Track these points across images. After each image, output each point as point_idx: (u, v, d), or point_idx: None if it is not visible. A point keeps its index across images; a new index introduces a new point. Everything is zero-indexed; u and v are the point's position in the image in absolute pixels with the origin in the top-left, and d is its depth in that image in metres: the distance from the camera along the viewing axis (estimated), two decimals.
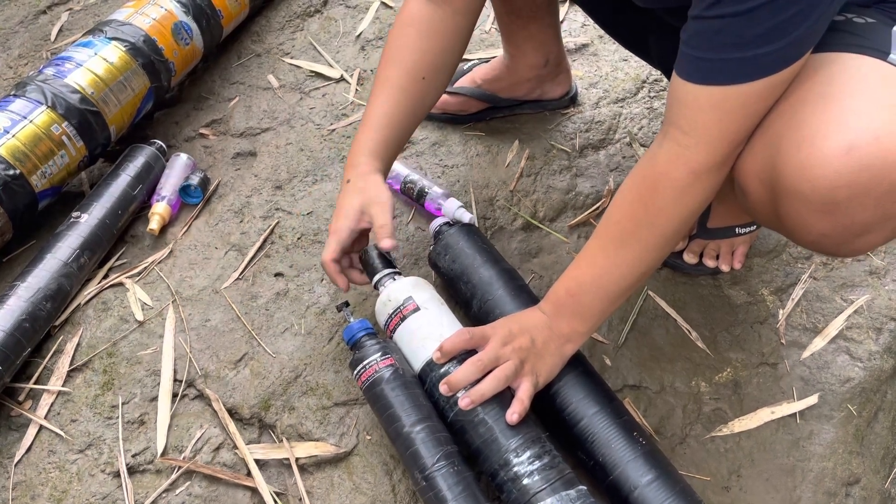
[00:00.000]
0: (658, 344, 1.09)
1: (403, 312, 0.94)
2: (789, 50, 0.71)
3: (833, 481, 0.98)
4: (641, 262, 0.87)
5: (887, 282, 1.17)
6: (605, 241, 0.89)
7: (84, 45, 1.27)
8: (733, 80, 0.73)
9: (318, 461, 0.95)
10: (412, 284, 0.97)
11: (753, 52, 0.70)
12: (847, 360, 1.08)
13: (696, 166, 0.79)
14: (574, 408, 0.90)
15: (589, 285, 0.89)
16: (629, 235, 0.86)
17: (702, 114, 0.77)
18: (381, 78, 1.03)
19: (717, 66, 0.73)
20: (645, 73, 1.46)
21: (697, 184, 0.81)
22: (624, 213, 0.87)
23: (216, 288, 1.13)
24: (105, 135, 1.24)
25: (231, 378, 1.03)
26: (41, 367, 1.04)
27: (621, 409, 0.91)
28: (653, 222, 0.84)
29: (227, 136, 1.40)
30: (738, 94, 0.74)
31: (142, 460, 0.95)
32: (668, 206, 0.83)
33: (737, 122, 0.77)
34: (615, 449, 0.86)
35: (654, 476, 0.84)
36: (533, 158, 1.31)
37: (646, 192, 0.84)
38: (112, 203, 1.18)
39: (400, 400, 0.87)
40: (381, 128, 1.01)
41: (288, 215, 1.23)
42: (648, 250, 0.86)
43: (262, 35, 1.59)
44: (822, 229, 0.76)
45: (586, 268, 0.90)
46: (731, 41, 0.71)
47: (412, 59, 1.02)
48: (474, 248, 1.04)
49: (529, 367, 0.88)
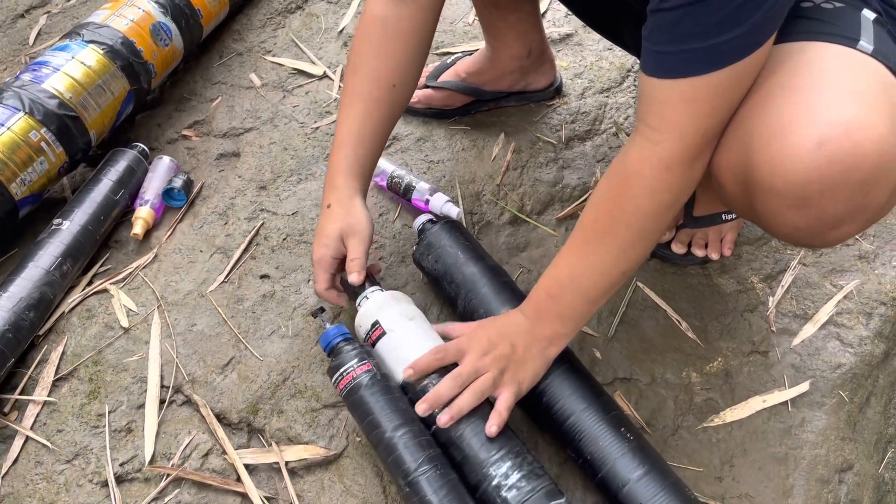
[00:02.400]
0: (648, 336, 1.08)
1: (373, 338, 0.94)
2: (750, 36, 0.70)
3: (826, 468, 0.98)
4: (619, 261, 0.86)
5: (877, 266, 1.17)
6: (581, 241, 0.88)
7: (61, 48, 1.25)
8: (696, 71, 0.72)
9: (307, 464, 0.94)
10: (379, 306, 0.96)
11: (714, 41, 0.69)
12: (838, 345, 1.08)
13: (667, 161, 0.78)
14: (562, 405, 0.89)
15: (568, 286, 0.88)
16: (605, 234, 0.86)
17: (668, 108, 0.76)
18: (350, 90, 1.02)
19: (680, 59, 0.72)
20: (630, 61, 1.45)
21: (669, 178, 0.80)
22: (599, 212, 0.86)
23: (202, 292, 1.12)
24: (85, 140, 1.23)
25: (218, 383, 1.02)
26: (26, 378, 1.03)
27: (610, 404, 0.91)
28: (628, 219, 0.83)
29: (209, 136, 1.38)
30: (704, 84, 0.72)
31: (130, 469, 0.94)
32: (642, 203, 0.82)
33: (705, 114, 0.76)
34: (604, 445, 0.85)
35: (645, 471, 0.83)
36: (519, 151, 1.30)
37: (618, 189, 0.83)
38: (94, 209, 1.17)
39: (380, 405, 0.86)
40: (357, 145, 1.01)
41: (273, 216, 1.22)
42: (625, 248, 0.85)
43: (243, 33, 1.58)
44: (796, 223, 0.76)
45: (564, 267, 0.89)
46: (691, 31, 0.70)
47: (380, 66, 1.01)
48: (458, 246, 1.03)
49: (510, 375, 0.87)
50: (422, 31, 1.02)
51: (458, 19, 1.58)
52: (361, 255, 0.97)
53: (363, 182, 1.02)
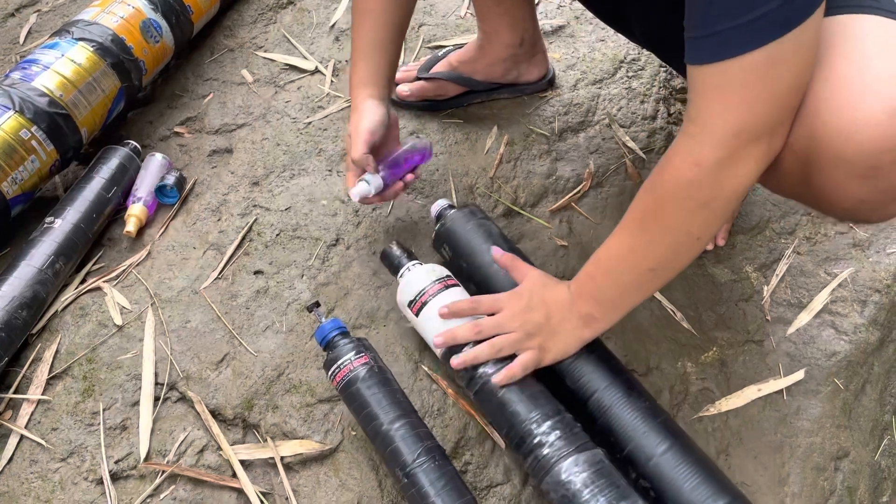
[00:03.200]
0: (643, 326, 1.08)
1: (429, 293, 0.95)
2: (785, 10, 0.66)
3: (822, 456, 0.98)
4: (649, 256, 0.84)
5: (871, 254, 1.17)
6: (622, 228, 0.86)
7: (50, 46, 1.24)
8: (728, 53, 0.68)
9: (303, 459, 0.94)
10: (440, 267, 1.00)
11: (745, 18, 0.66)
12: (832, 333, 1.08)
13: (698, 158, 0.75)
14: (587, 380, 0.90)
15: (604, 269, 0.88)
16: (638, 225, 0.84)
17: (702, 98, 0.73)
18: (358, 6, 1.08)
19: (713, 41, 0.69)
20: (622, 52, 1.45)
21: (699, 175, 0.76)
22: (637, 202, 0.84)
23: (195, 288, 1.12)
24: (76, 138, 1.22)
25: (213, 379, 1.02)
26: (20, 377, 1.02)
27: (633, 382, 0.91)
28: (659, 213, 0.81)
29: (202, 133, 1.38)
30: (737, 68, 0.69)
31: (125, 466, 0.94)
32: (670, 199, 0.80)
33: (739, 105, 0.71)
34: (629, 421, 0.86)
35: (669, 445, 0.84)
36: (512, 144, 1.30)
37: (656, 181, 0.81)
38: (86, 207, 1.16)
39: (377, 398, 0.86)
40: (369, 55, 1.08)
41: (266, 211, 1.21)
42: (655, 243, 0.83)
43: (234, 29, 1.57)
44: (861, 195, 0.74)
45: (604, 251, 0.88)
46: (721, 11, 0.67)
47: None
48: (478, 230, 1.04)
49: (537, 342, 0.88)
50: None
51: (449, 12, 1.58)
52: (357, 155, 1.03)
53: (377, 88, 1.07)
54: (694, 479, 0.81)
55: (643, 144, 1.31)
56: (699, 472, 0.82)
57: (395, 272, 1.02)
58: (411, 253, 1.04)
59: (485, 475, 0.93)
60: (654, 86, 1.40)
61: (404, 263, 1.01)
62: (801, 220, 1.21)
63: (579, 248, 1.16)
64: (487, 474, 0.93)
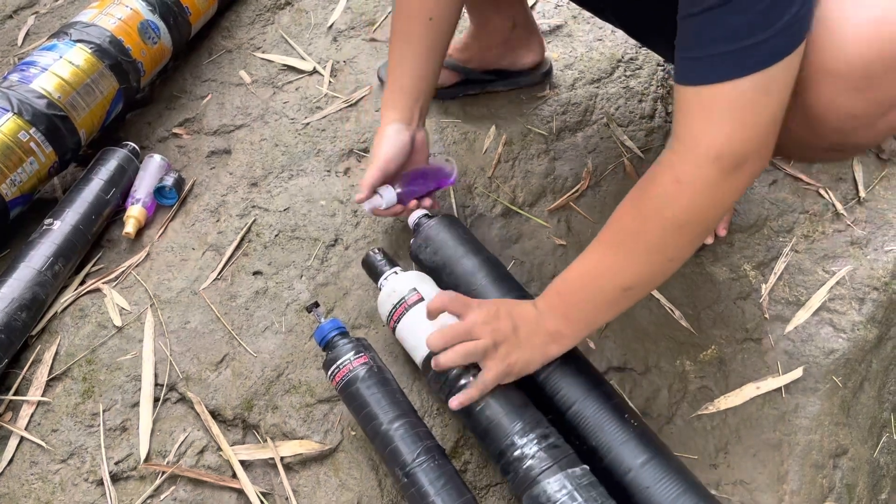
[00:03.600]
0: (641, 325, 1.08)
1: (407, 303, 0.94)
2: (781, 39, 0.68)
3: (820, 454, 0.98)
4: (626, 272, 0.83)
5: (869, 251, 1.17)
6: (598, 244, 0.86)
7: (48, 48, 1.25)
8: (722, 77, 0.69)
9: (303, 459, 0.94)
10: (416, 277, 0.98)
11: (742, 44, 0.67)
12: (831, 331, 1.08)
13: (679, 175, 0.75)
14: (564, 393, 0.88)
15: (577, 287, 0.88)
16: (617, 242, 0.84)
17: (689, 117, 0.73)
18: (393, 30, 1.07)
19: (706, 63, 0.70)
20: (620, 51, 1.45)
21: (678, 194, 0.76)
22: (617, 218, 0.84)
23: (194, 289, 1.12)
24: (75, 139, 1.23)
25: (213, 380, 1.02)
26: (20, 378, 1.03)
27: (611, 391, 0.90)
28: (638, 231, 0.81)
29: (200, 134, 1.38)
30: (728, 92, 0.69)
31: (125, 467, 0.94)
32: (652, 216, 0.79)
33: (725, 127, 0.71)
34: (607, 432, 0.85)
35: (648, 457, 0.83)
36: (510, 143, 1.30)
37: (637, 197, 0.81)
38: (85, 208, 1.17)
39: (376, 398, 0.86)
40: (396, 79, 1.07)
41: (265, 212, 1.21)
42: (631, 262, 0.83)
43: (232, 30, 1.57)
44: (853, 109, 0.74)
45: (577, 268, 0.88)
46: (718, 35, 0.68)
47: (416, 4, 1.03)
48: (455, 240, 1.03)
49: (503, 352, 0.86)
50: None
51: None
52: (369, 177, 1.03)
53: (404, 112, 1.06)
54: (674, 491, 0.80)
55: (641, 143, 1.31)
56: (679, 483, 0.81)
57: (375, 280, 1.02)
58: (390, 259, 1.03)
59: (484, 474, 0.93)
60: (651, 85, 1.40)
61: (382, 272, 1.01)
62: (798, 219, 1.21)
63: (577, 247, 1.17)
64: (487, 473, 0.93)
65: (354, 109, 1.37)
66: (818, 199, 1.25)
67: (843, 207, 1.23)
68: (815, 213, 1.22)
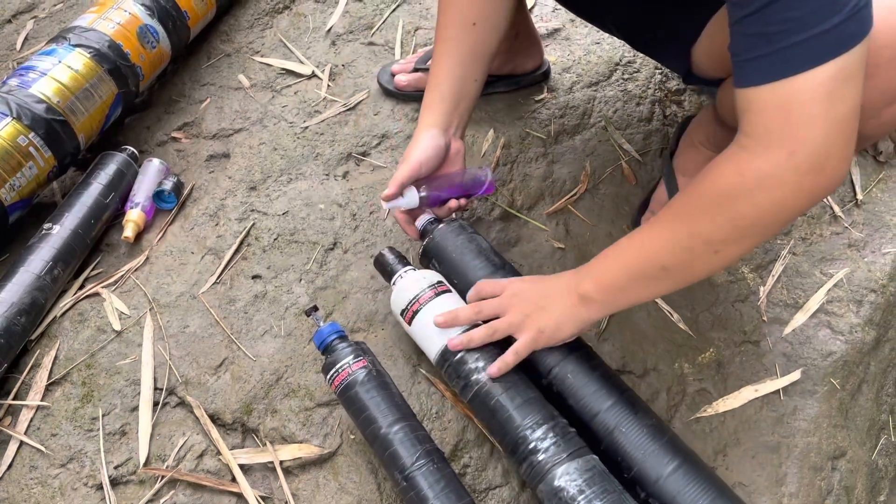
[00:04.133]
0: (640, 327, 1.08)
1: (424, 299, 0.95)
2: (852, 24, 0.65)
3: (819, 456, 0.99)
4: (664, 253, 0.81)
5: (866, 254, 1.17)
6: (656, 218, 0.84)
7: (47, 53, 1.25)
8: (796, 69, 0.66)
9: (302, 463, 0.94)
10: (433, 273, 1.00)
11: (812, 31, 0.64)
12: (829, 334, 1.09)
13: (744, 168, 0.72)
14: (587, 402, 0.88)
15: (620, 251, 0.87)
16: (669, 220, 0.82)
17: (763, 115, 0.70)
18: (436, 37, 1.06)
19: (778, 58, 0.67)
20: (618, 55, 1.46)
21: (740, 189, 0.72)
22: (676, 198, 0.82)
23: (193, 293, 1.12)
24: (74, 144, 1.23)
25: (212, 384, 1.02)
26: (19, 383, 1.03)
27: (636, 399, 0.89)
28: (689, 215, 0.79)
29: (199, 138, 1.38)
30: (804, 85, 0.66)
31: (124, 472, 0.94)
32: (703, 203, 0.77)
33: (805, 121, 0.68)
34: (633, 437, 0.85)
35: (679, 463, 0.82)
36: (508, 147, 1.30)
37: (697, 182, 0.78)
38: (84, 212, 1.17)
39: (376, 401, 0.86)
40: (436, 84, 1.05)
41: (263, 216, 1.22)
42: (676, 242, 0.80)
43: (230, 34, 1.58)
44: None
45: (628, 236, 0.88)
46: (785, 27, 0.65)
47: (459, 8, 1.03)
48: (466, 243, 1.02)
49: (531, 322, 0.88)
50: None
51: None
52: (398, 175, 1.01)
53: (442, 117, 1.05)
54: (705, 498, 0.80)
55: (639, 147, 1.31)
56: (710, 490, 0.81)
57: (388, 278, 1.02)
58: (404, 258, 1.03)
59: (483, 477, 0.93)
60: (649, 88, 1.40)
61: (397, 270, 1.01)
62: (796, 221, 1.22)
63: (576, 250, 1.17)
64: (486, 476, 0.93)
65: (353, 113, 1.38)
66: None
67: (841, 210, 1.24)
68: (813, 216, 1.23)
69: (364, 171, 1.28)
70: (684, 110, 1.38)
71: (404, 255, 1.04)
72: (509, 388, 0.87)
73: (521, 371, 0.90)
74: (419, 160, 1.02)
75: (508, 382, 0.88)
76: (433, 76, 1.06)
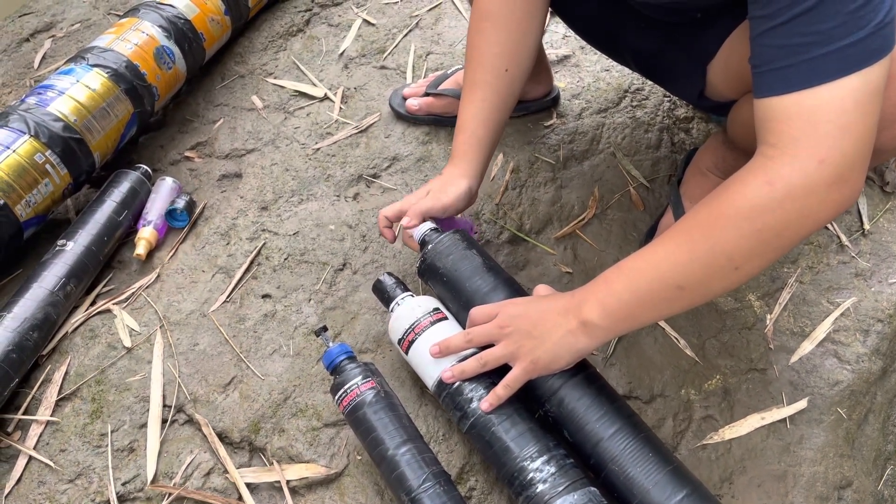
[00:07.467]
0: (647, 353, 1.09)
1: (422, 326, 0.95)
2: (875, 40, 0.66)
3: (825, 485, 0.99)
4: (681, 271, 0.78)
5: (873, 283, 1.18)
6: (665, 236, 0.81)
7: (66, 72, 1.27)
8: (821, 79, 0.67)
9: (309, 483, 0.95)
10: (429, 300, 0.99)
11: (837, 45, 0.66)
12: (835, 363, 1.09)
13: (773, 178, 0.70)
14: (591, 428, 0.86)
15: (627, 274, 0.83)
16: (685, 236, 0.78)
17: (788, 125, 0.70)
18: (467, 80, 1.06)
19: (803, 69, 0.68)
20: (627, 82, 1.47)
21: (769, 199, 0.71)
22: (690, 214, 0.79)
23: (204, 311, 1.13)
24: (89, 161, 1.25)
25: (220, 402, 1.02)
26: (29, 398, 1.03)
27: (640, 424, 0.88)
28: (711, 229, 0.76)
29: (212, 158, 1.40)
30: (828, 95, 0.67)
31: (132, 488, 0.95)
32: (728, 215, 0.74)
33: (832, 131, 0.68)
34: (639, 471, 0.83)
35: (689, 492, 0.81)
36: (518, 171, 1.32)
37: (717, 194, 0.76)
38: (98, 230, 1.18)
39: (383, 423, 0.86)
40: (474, 130, 1.05)
41: (274, 236, 1.23)
42: (694, 258, 0.77)
43: (244, 56, 1.60)
44: None
45: (633, 258, 0.84)
46: (810, 39, 0.66)
47: (492, 53, 1.03)
48: (466, 255, 1.01)
49: (526, 350, 0.85)
50: (531, 16, 1.03)
51: (457, 41, 1.61)
52: (423, 208, 1.01)
53: (478, 166, 1.06)
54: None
55: (647, 173, 1.32)
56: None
57: (386, 305, 1.02)
58: (402, 284, 1.03)
59: (490, 501, 0.93)
60: (658, 115, 1.42)
61: (395, 296, 1.01)
62: (803, 250, 1.22)
63: (584, 274, 1.18)
64: (492, 500, 0.93)
65: (364, 135, 1.39)
66: (822, 231, 1.26)
67: (848, 239, 1.24)
68: (820, 245, 1.23)
69: (374, 192, 1.29)
70: (692, 138, 1.39)
71: (402, 281, 1.04)
72: (505, 420, 0.86)
73: (519, 398, 0.88)
74: (448, 205, 1.02)
75: (504, 414, 0.86)
76: (469, 119, 1.05)
